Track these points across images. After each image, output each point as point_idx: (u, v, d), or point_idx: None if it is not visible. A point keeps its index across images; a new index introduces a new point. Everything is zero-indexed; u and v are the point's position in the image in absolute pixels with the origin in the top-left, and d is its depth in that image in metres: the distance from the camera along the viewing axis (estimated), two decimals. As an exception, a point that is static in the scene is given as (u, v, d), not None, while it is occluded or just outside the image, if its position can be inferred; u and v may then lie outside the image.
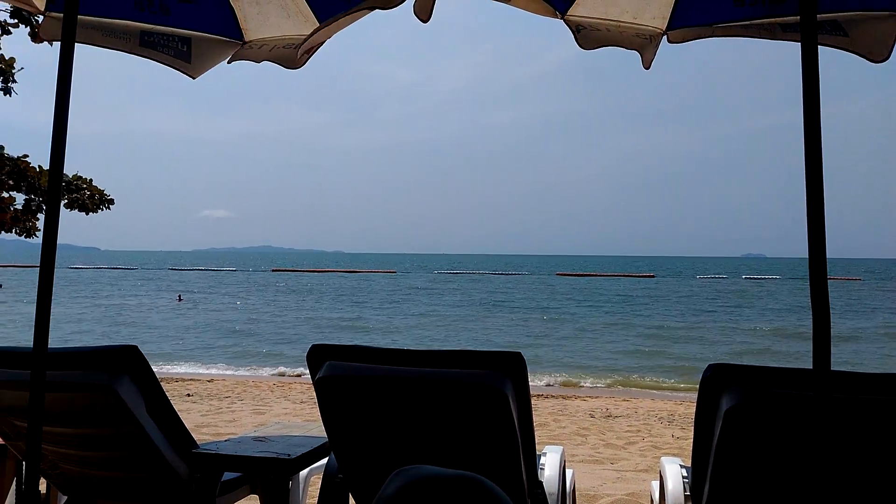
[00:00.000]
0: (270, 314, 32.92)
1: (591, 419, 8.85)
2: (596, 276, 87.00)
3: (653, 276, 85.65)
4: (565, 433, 7.79)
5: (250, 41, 2.77)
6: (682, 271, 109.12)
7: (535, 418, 3.03)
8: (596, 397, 11.61)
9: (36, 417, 1.93)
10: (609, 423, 8.60)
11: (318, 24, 2.61)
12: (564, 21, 2.44)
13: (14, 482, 2.97)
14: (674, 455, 3.30)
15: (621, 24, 2.47)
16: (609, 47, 2.47)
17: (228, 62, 2.80)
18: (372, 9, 2.05)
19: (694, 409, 2.19)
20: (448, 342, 22.97)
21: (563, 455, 2.92)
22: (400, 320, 30.14)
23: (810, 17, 1.65)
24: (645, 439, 7.55)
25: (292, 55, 2.64)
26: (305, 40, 2.50)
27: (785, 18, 2.26)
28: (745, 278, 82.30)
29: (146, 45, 2.69)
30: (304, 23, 2.64)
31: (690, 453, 2.26)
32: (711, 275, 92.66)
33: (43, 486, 3.23)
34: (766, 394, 1.98)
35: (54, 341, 2.00)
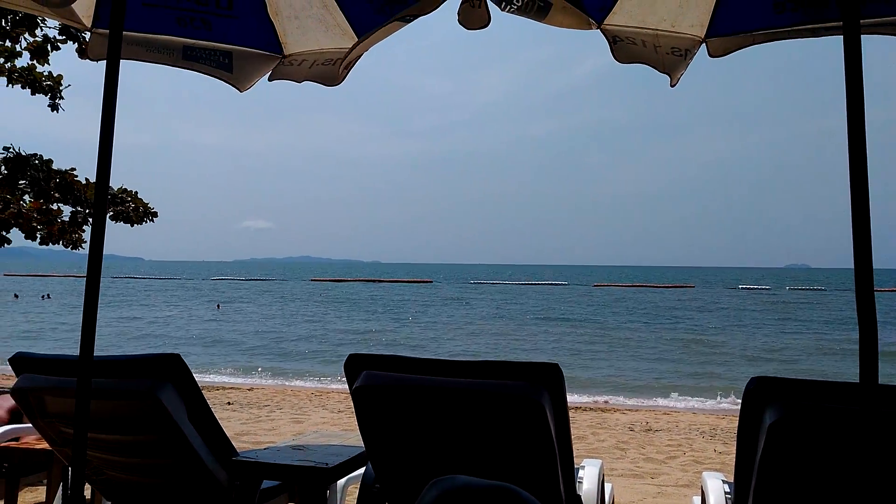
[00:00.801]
0: (308, 324, 33.25)
1: (631, 433, 8.72)
2: (635, 286, 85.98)
3: (693, 287, 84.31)
4: (604, 446, 7.69)
5: (290, 55, 2.82)
6: (723, 282, 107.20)
7: (573, 431, 2.99)
8: (635, 410, 11.45)
9: (82, 424, 1.97)
10: (649, 436, 8.46)
11: (355, 38, 2.64)
12: (601, 31, 2.43)
13: (60, 487, 3.04)
14: (716, 470, 3.23)
15: (659, 32, 2.45)
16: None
17: (269, 79, 2.85)
18: (414, 17, 2.08)
19: (737, 424, 2.14)
20: (484, 353, 22.90)
21: (601, 468, 2.88)
22: (435, 331, 30.16)
23: (853, 23, 1.62)
24: (686, 454, 7.41)
25: (332, 72, 2.68)
26: (346, 56, 2.53)
27: (827, 24, 2.22)
28: (789, 289, 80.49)
29: (189, 59, 2.76)
30: (341, 36, 2.67)
31: (733, 468, 2.22)
32: (754, 285, 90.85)
33: (88, 492, 3.30)
34: (811, 408, 1.93)
35: (98, 349, 2.05)
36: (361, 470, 2.69)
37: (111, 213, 11.03)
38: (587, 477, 2.76)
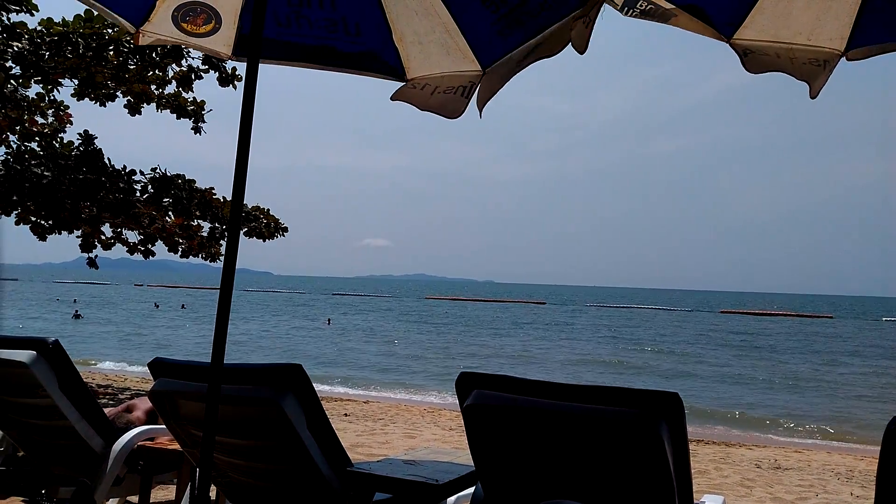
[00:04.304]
0: (421, 342, 33.70)
1: (758, 470, 8.22)
2: (765, 314, 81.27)
3: (831, 317, 78.67)
4: (727, 483, 7.28)
5: (413, 79, 2.90)
6: (864, 312, 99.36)
7: (693, 465, 2.85)
8: (763, 446, 10.79)
9: (211, 427, 2.09)
10: (778, 475, 7.94)
11: (476, 62, 2.69)
12: (730, 45, 2.34)
13: (189, 487, 3.23)
14: (853, 516, 2.98)
15: (794, 46, 2.33)
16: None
17: (391, 98, 2.94)
18: (539, 59, 2.12)
19: (876, 466, 1.97)
20: (597, 381, 22.33)
21: (723, 505, 2.73)
22: (549, 354, 29.76)
23: None
24: (819, 496, 6.89)
25: (453, 103, 2.73)
26: (482, 94, 2.58)
27: None
28: (941, 322, 73.50)
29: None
30: (462, 59, 2.72)
31: (872, 515, 2.04)
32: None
33: (213, 493, 3.48)
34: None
35: (226, 357, 2.17)
36: (471, 489, 2.68)
37: (245, 230, 11.71)
38: (707, 513, 2.62)
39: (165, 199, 10.69)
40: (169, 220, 11.12)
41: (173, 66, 10.18)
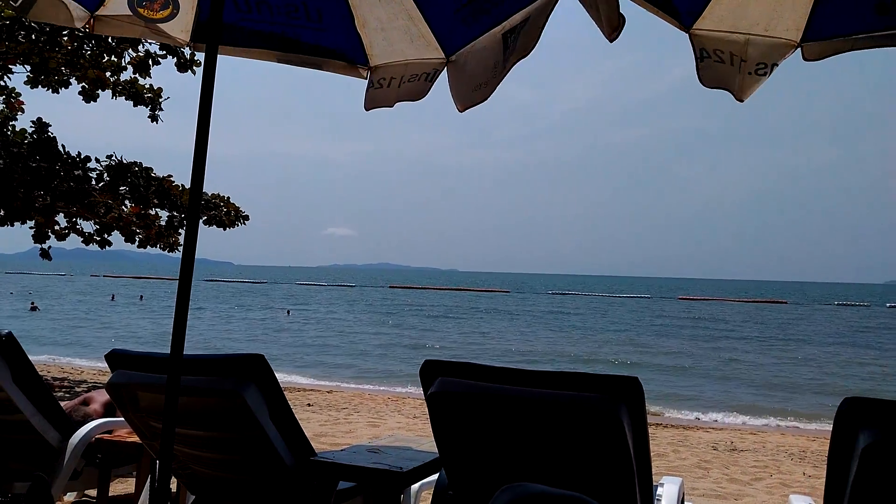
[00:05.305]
0: (384, 332, 33.67)
1: (714, 452, 8.41)
2: (722, 300, 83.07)
3: (785, 303, 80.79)
4: (685, 465, 7.44)
5: (375, 66, 2.87)
6: (818, 298, 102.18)
7: (653, 448, 2.91)
8: (720, 429, 11.04)
9: (170, 419, 2.06)
10: (734, 456, 8.14)
11: (440, 49, 2.68)
12: (689, 37, 2.37)
13: (148, 479, 3.18)
14: (805, 494, 3.08)
15: (750, 37, 2.37)
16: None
17: (366, 109, 2.89)
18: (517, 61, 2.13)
19: (828, 446, 2.04)
20: (559, 366, 22.60)
21: (681, 487, 2.79)
22: (508, 342, 30.01)
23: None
24: (773, 476, 7.08)
25: (418, 88, 2.72)
26: (470, 101, 2.56)
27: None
28: (890, 306, 75.93)
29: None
30: (426, 47, 2.71)
31: (823, 493, 2.11)
32: (851, 302, 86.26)
33: (174, 485, 3.44)
34: (911, 433, 1.82)
35: (186, 348, 2.14)
36: (435, 476, 2.70)
37: (204, 218, 11.50)
38: (666, 495, 2.68)
39: (122, 187, 10.45)
40: (126, 208, 10.87)
41: (129, 51, 9.93)
